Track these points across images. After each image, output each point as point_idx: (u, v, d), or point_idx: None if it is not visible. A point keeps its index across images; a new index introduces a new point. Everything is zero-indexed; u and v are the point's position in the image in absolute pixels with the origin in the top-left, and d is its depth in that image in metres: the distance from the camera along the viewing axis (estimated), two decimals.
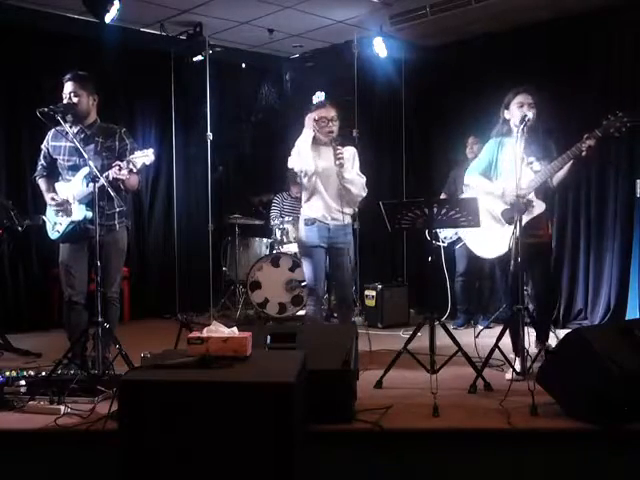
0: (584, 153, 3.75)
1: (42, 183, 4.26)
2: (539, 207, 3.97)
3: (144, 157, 3.92)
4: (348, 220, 4.43)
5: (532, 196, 3.95)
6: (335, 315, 6.14)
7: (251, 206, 7.17)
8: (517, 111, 4.01)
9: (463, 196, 4.49)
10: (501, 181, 4.10)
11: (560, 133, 4.65)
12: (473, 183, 4.26)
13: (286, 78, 7.57)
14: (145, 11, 6.04)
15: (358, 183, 4.42)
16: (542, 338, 4.13)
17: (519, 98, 4.06)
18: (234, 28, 6.60)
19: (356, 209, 4.51)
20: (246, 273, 6.26)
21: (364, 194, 4.47)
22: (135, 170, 3.94)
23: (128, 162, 3.88)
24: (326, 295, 6.22)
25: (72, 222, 4.09)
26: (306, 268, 4.49)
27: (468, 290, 6.07)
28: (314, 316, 4.47)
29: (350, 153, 4.46)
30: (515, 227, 3.75)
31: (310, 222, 4.42)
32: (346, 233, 4.40)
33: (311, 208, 4.45)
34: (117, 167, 3.86)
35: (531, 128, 3.93)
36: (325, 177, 4.38)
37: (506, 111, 4.10)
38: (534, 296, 4.21)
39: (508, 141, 4.05)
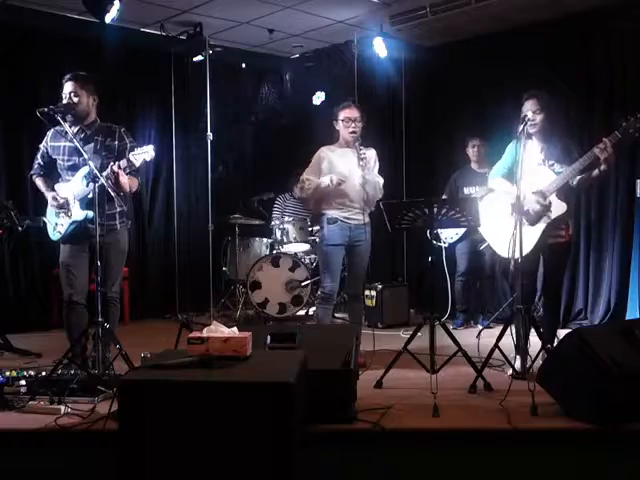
0: (604, 155, 3.75)
1: (39, 182, 4.25)
2: (560, 208, 3.96)
3: (144, 154, 3.93)
4: (367, 219, 4.54)
5: (553, 197, 3.95)
6: (335, 315, 6.17)
7: (251, 206, 7.16)
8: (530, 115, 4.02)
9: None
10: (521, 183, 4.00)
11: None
12: (495, 186, 4.29)
13: (286, 78, 7.56)
14: (145, 11, 6.04)
15: (376, 185, 4.54)
16: (547, 339, 4.13)
17: (527, 105, 4.06)
18: (234, 28, 6.60)
19: (372, 208, 4.60)
20: (246, 273, 6.26)
21: (380, 196, 4.57)
22: (136, 166, 3.95)
23: (128, 160, 3.89)
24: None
25: (74, 222, 4.08)
26: (324, 266, 4.57)
27: (468, 290, 6.07)
28: (323, 316, 4.53)
29: (371, 155, 4.58)
30: (515, 228, 3.75)
31: (332, 221, 4.52)
32: (365, 232, 4.51)
33: (333, 208, 4.54)
34: (116, 165, 3.87)
35: (543, 132, 3.97)
36: (348, 178, 4.46)
37: (530, 113, 4.05)
38: (544, 296, 4.21)
39: (528, 143, 4.04)
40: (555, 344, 3.78)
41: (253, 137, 7.86)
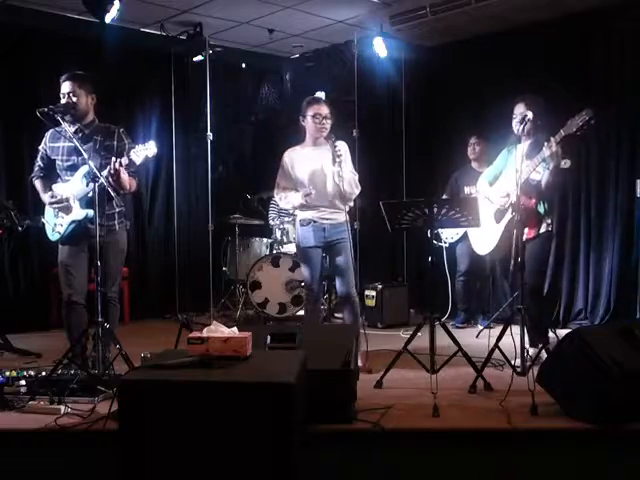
0: (549, 152, 3.85)
1: (38, 184, 4.25)
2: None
3: (146, 150, 3.93)
4: (344, 218, 4.37)
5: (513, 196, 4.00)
6: (335, 315, 6.16)
7: (251, 206, 7.16)
8: (514, 122, 4.17)
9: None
10: (495, 186, 4.29)
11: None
12: (481, 189, 4.54)
13: (286, 78, 7.56)
14: (145, 11, 6.04)
15: (351, 180, 4.35)
16: (534, 340, 4.13)
17: (516, 109, 4.17)
18: (234, 28, 6.60)
19: (351, 205, 4.47)
20: (246, 273, 6.26)
21: (357, 191, 4.41)
22: (137, 164, 3.95)
23: (129, 157, 3.89)
24: (326, 295, 6.24)
25: (73, 221, 4.08)
26: (303, 268, 4.51)
27: (469, 290, 6.07)
28: (311, 315, 4.49)
29: (343, 149, 4.39)
30: (515, 227, 3.77)
31: (305, 223, 4.41)
32: (343, 230, 4.35)
33: (305, 209, 4.41)
34: (118, 162, 3.87)
35: (528, 133, 4.00)
36: (317, 178, 4.35)
37: (514, 121, 4.17)
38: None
39: (518, 148, 4.06)
40: (555, 344, 3.79)
41: (253, 137, 7.86)
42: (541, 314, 4.33)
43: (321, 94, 7.25)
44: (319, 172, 4.35)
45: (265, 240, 6.78)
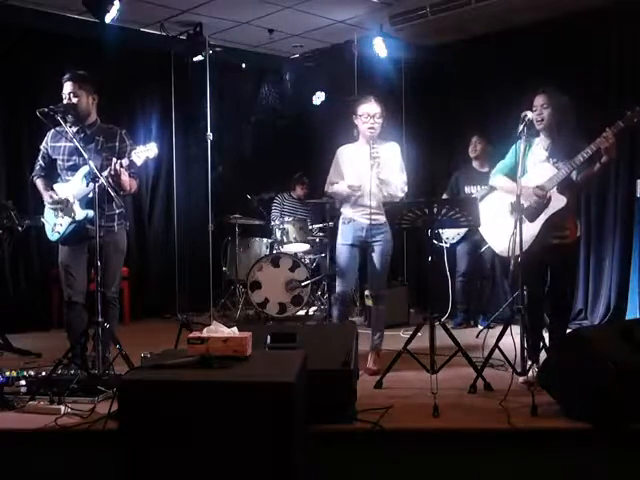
0: (606, 144, 3.67)
1: (39, 183, 4.25)
2: (560, 202, 3.86)
3: (147, 151, 3.93)
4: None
5: (553, 191, 3.87)
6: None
7: (251, 206, 7.17)
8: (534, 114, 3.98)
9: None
10: (522, 180, 3.93)
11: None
12: (497, 184, 4.26)
13: (286, 78, 7.57)
14: (145, 11, 6.04)
15: (394, 184, 4.32)
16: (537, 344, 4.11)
17: (536, 101, 4.01)
18: (234, 28, 6.60)
19: None
20: (246, 273, 6.26)
21: (401, 195, 4.37)
22: (138, 165, 3.95)
23: (130, 158, 3.89)
24: (325, 295, 6.24)
25: (73, 222, 4.08)
26: (337, 266, 4.46)
27: (469, 290, 6.07)
28: (336, 317, 4.43)
29: (389, 151, 4.36)
30: (515, 227, 3.74)
31: (347, 221, 4.40)
32: (383, 232, 4.32)
33: (348, 208, 4.40)
34: (118, 163, 3.87)
35: (549, 129, 3.93)
36: (363, 177, 4.29)
37: (534, 113, 3.99)
38: (551, 300, 4.11)
39: (535, 141, 4.01)
40: (555, 344, 3.79)
41: (253, 137, 7.86)
42: (566, 322, 4.28)
43: (321, 94, 7.29)
44: (364, 172, 4.28)
45: (265, 240, 6.78)
